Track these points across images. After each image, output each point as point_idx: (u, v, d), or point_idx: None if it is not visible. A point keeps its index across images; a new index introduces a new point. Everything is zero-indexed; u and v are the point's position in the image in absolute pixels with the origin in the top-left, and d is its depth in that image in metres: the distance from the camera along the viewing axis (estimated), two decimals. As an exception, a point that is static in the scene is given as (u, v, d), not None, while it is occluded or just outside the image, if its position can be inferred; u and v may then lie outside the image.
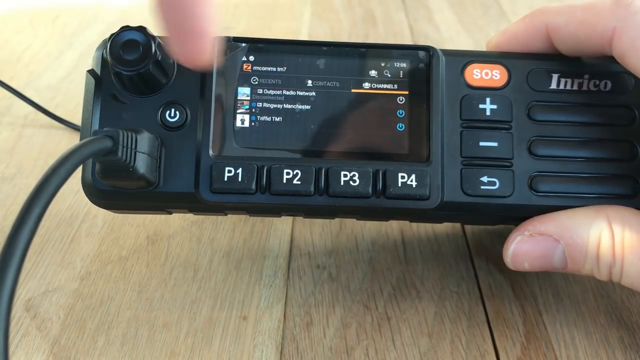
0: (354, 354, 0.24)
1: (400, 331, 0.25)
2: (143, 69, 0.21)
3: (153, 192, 0.22)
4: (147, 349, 0.24)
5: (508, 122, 0.24)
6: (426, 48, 0.24)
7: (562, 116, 0.24)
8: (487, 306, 0.26)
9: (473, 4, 0.56)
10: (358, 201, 0.22)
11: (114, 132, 0.19)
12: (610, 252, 0.21)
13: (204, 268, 0.28)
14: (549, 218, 0.23)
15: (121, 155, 0.20)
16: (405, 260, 0.29)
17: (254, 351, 0.24)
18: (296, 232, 0.30)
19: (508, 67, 0.24)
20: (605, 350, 0.24)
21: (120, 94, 0.23)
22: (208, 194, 0.22)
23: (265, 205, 0.23)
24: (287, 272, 0.28)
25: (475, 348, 0.25)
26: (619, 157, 0.23)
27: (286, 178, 0.22)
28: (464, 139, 0.23)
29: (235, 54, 0.23)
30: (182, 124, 0.23)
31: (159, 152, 0.22)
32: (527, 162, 0.23)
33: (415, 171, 0.23)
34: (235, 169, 0.22)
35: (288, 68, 0.24)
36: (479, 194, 0.23)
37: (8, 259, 0.15)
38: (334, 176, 0.22)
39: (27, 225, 0.15)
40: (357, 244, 0.30)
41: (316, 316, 0.26)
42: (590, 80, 0.24)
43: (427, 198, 0.23)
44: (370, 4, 0.57)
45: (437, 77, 0.24)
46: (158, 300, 0.27)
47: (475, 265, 0.28)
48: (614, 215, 0.22)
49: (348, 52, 0.24)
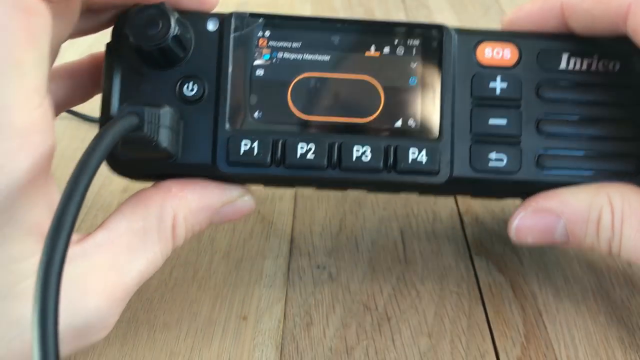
0: (354, 354, 0.24)
1: (400, 331, 0.25)
2: (162, 44, 0.22)
3: (173, 163, 0.23)
4: (147, 349, 0.24)
5: (517, 100, 0.24)
6: (439, 26, 0.24)
7: (571, 95, 0.24)
8: (487, 306, 0.26)
9: (473, 4, 0.56)
10: (369, 175, 0.23)
11: (138, 108, 0.20)
12: (609, 227, 0.22)
13: (204, 268, 0.28)
14: (552, 194, 0.23)
15: (146, 131, 0.20)
16: (405, 260, 0.29)
17: (254, 351, 0.24)
18: (296, 232, 0.30)
19: (519, 46, 0.24)
20: (605, 350, 0.24)
21: (139, 68, 0.23)
22: (225, 166, 0.23)
23: (279, 177, 0.23)
24: (287, 272, 0.28)
25: (475, 348, 0.25)
26: (624, 136, 0.24)
27: (300, 152, 0.23)
28: (474, 116, 0.24)
29: (252, 29, 0.24)
30: (199, 98, 0.23)
31: (179, 125, 0.23)
32: (535, 140, 0.24)
33: (425, 147, 0.23)
34: (251, 143, 0.23)
35: (303, 43, 0.24)
36: (487, 169, 0.23)
37: (58, 233, 0.16)
38: (347, 151, 0.23)
39: (72, 204, 0.17)
40: (357, 244, 0.30)
41: (316, 316, 0.26)
42: (599, 60, 0.24)
43: (436, 173, 0.23)
44: (370, 4, 0.57)
45: (449, 56, 0.24)
46: (158, 300, 0.27)
47: (475, 265, 0.28)
48: (614, 193, 0.22)
49: (362, 28, 0.24)
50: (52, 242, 0.16)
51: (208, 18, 0.23)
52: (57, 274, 0.16)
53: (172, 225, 0.22)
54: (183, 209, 0.22)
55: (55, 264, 0.16)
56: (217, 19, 0.23)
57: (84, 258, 0.20)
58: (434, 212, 0.32)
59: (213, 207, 0.23)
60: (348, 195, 0.33)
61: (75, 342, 0.20)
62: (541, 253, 0.29)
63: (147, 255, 0.21)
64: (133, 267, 0.21)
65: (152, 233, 0.22)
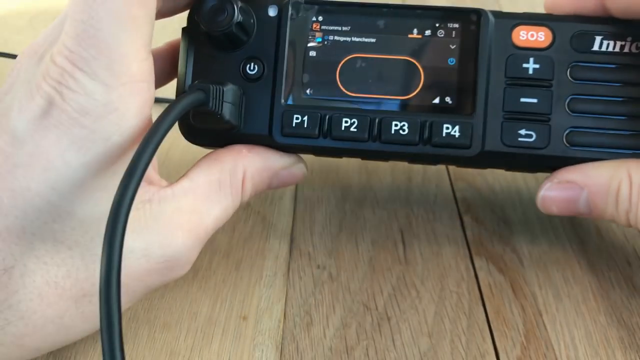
0: (354, 354, 0.24)
1: (400, 331, 0.25)
2: (227, 30, 0.24)
3: (236, 133, 0.26)
4: (147, 349, 0.24)
5: (549, 81, 0.25)
6: (477, 10, 0.26)
7: (601, 76, 0.25)
8: (487, 306, 0.26)
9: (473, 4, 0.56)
10: (406, 148, 0.25)
11: (205, 86, 0.23)
12: (627, 199, 0.23)
13: (204, 268, 0.28)
14: (576, 168, 0.25)
15: (211, 105, 0.24)
16: (405, 260, 0.29)
17: (254, 351, 0.24)
18: (296, 232, 0.30)
19: (553, 29, 0.25)
20: (605, 350, 0.24)
21: (210, 50, 0.26)
22: (279, 137, 0.26)
23: (326, 148, 0.26)
24: (287, 272, 0.28)
25: (475, 348, 0.25)
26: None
27: (344, 125, 0.25)
28: (506, 95, 0.25)
29: (307, 14, 0.27)
30: (260, 76, 0.26)
31: (241, 100, 0.26)
32: (564, 118, 0.25)
33: (459, 123, 0.25)
34: (302, 116, 0.26)
35: (352, 27, 0.26)
36: (516, 144, 0.25)
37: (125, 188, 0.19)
38: (386, 125, 0.25)
39: (144, 157, 0.20)
40: (357, 244, 0.30)
41: (316, 316, 0.26)
42: (632, 42, 0.25)
43: (468, 147, 0.25)
44: (370, 4, 0.57)
45: (486, 38, 0.25)
46: (158, 300, 0.27)
47: (475, 265, 0.28)
48: (634, 168, 0.23)
49: (405, 13, 0.26)
50: (125, 185, 0.19)
51: (269, 4, 0.26)
52: (125, 213, 0.19)
53: (242, 179, 0.25)
54: (251, 167, 0.25)
55: (125, 204, 0.19)
56: (277, 6, 0.26)
57: (173, 200, 0.23)
58: (434, 212, 0.32)
59: (274, 169, 0.26)
60: (348, 195, 0.33)
61: (163, 275, 0.23)
62: (541, 253, 0.29)
63: (221, 204, 0.24)
64: (211, 213, 0.24)
65: (225, 185, 0.24)
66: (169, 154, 0.35)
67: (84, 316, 0.22)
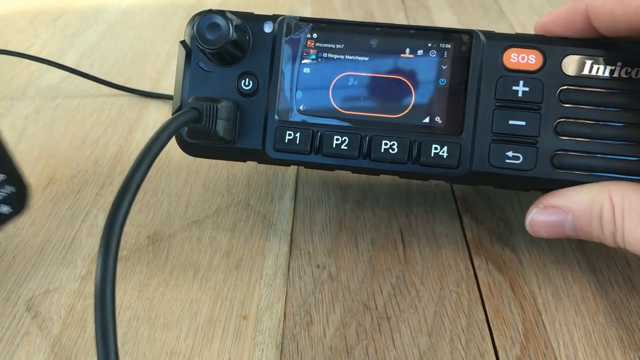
0: (353, 353, 0.24)
1: (400, 330, 0.25)
2: (222, 48, 0.25)
3: (230, 147, 0.27)
4: (147, 349, 0.25)
5: (538, 104, 0.25)
6: (469, 32, 0.26)
7: (590, 100, 0.25)
8: (487, 305, 0.26)
9: (473, 4, 0.57)
10: (395, 166, 0.26)
11: (199, 105, 0.24)
12: (611, 222, 0.23)
13: (204, 268, 0.28)
14: (560, 193, 0.25)
15: (205, 123, 0.24)
16: (405, 260, 0.29)
17: (254, 350, 0.24)
18: (296, 232, 0.30)
19: (544, 52, 0.26)
20: (604, 350, 0.24)
21: (206, 64, 0.27)
22: (272, 152, 0.27)
23: (317, 163, 0.27)
24: (287, 272, 0.28)
25: (475, 347, 0.25)
26: (637, 140, 0.25)
27: (335, 143, 0.26)
28: (495, 117, 0.26)
29: (301, 32, 0.27)
30: (254, 92, 0.27)
31: (236, 115, 0.26)
32: (551, 141, 0.25)
33: (447, 143, 0.26)
34: (295, 133, 0.26)
35: (346, 45, 0.27)
36: (503, 166, 0.25)
37: (120, 202, 0.19)
38: (376, 144, 0.26)
39: (138, 175, 0.20)
40: (357, 244, 0.30)
41: (316, 316, 0.26)
42: (622, 67, 0.25)
43: (455, 167, 0.26)
44: (370, 4, 0.57)
45: (477, 60, 0.26)
46: (158, 299, 0.27)
47: (475, 265, 0.28)
48: (615, 190, 0.24)
49: (398, 32, 0.27)
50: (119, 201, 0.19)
51: (265, 21, 0.27)
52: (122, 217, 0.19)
53: None
54: None
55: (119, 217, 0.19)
56: (273, 23, 0.27)
57: None
58: (434, 212, 0.32)
59: None
60: (348, 195, 0.33)
61: None
62: (541, 253, 0.29)
63: None
64: None
65: None
66: (169, 154, 0.35)
67: None
